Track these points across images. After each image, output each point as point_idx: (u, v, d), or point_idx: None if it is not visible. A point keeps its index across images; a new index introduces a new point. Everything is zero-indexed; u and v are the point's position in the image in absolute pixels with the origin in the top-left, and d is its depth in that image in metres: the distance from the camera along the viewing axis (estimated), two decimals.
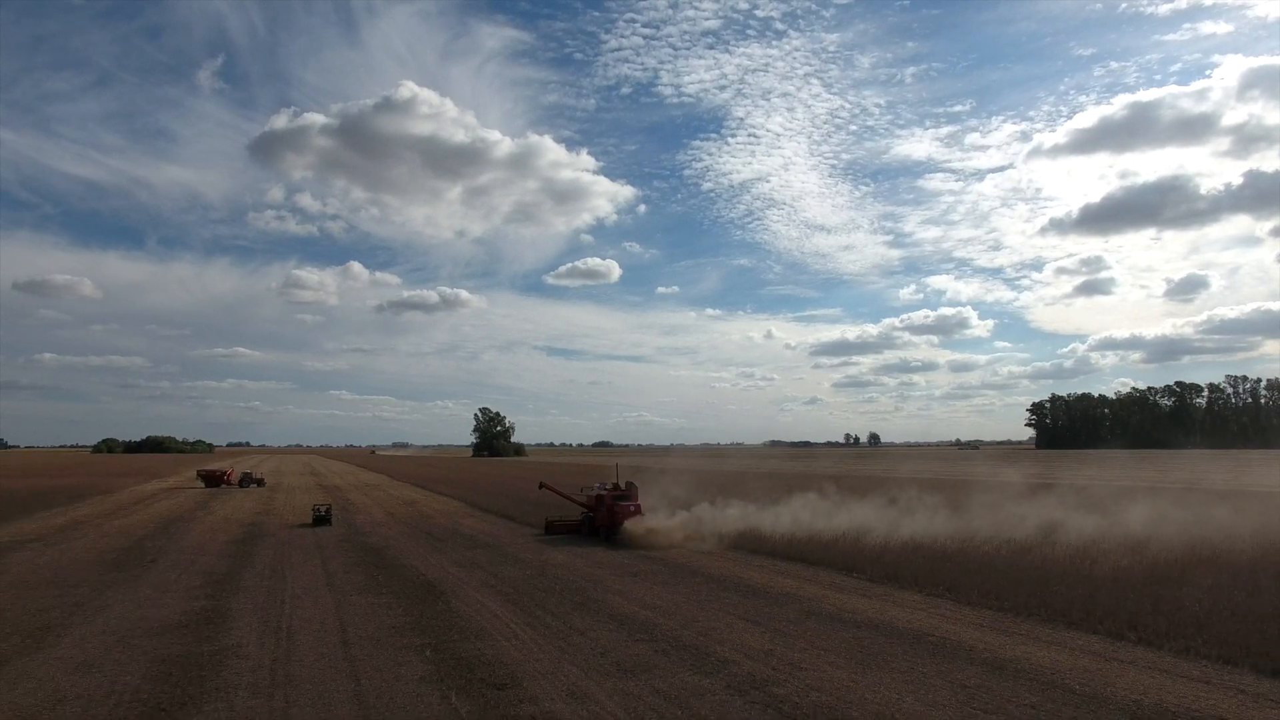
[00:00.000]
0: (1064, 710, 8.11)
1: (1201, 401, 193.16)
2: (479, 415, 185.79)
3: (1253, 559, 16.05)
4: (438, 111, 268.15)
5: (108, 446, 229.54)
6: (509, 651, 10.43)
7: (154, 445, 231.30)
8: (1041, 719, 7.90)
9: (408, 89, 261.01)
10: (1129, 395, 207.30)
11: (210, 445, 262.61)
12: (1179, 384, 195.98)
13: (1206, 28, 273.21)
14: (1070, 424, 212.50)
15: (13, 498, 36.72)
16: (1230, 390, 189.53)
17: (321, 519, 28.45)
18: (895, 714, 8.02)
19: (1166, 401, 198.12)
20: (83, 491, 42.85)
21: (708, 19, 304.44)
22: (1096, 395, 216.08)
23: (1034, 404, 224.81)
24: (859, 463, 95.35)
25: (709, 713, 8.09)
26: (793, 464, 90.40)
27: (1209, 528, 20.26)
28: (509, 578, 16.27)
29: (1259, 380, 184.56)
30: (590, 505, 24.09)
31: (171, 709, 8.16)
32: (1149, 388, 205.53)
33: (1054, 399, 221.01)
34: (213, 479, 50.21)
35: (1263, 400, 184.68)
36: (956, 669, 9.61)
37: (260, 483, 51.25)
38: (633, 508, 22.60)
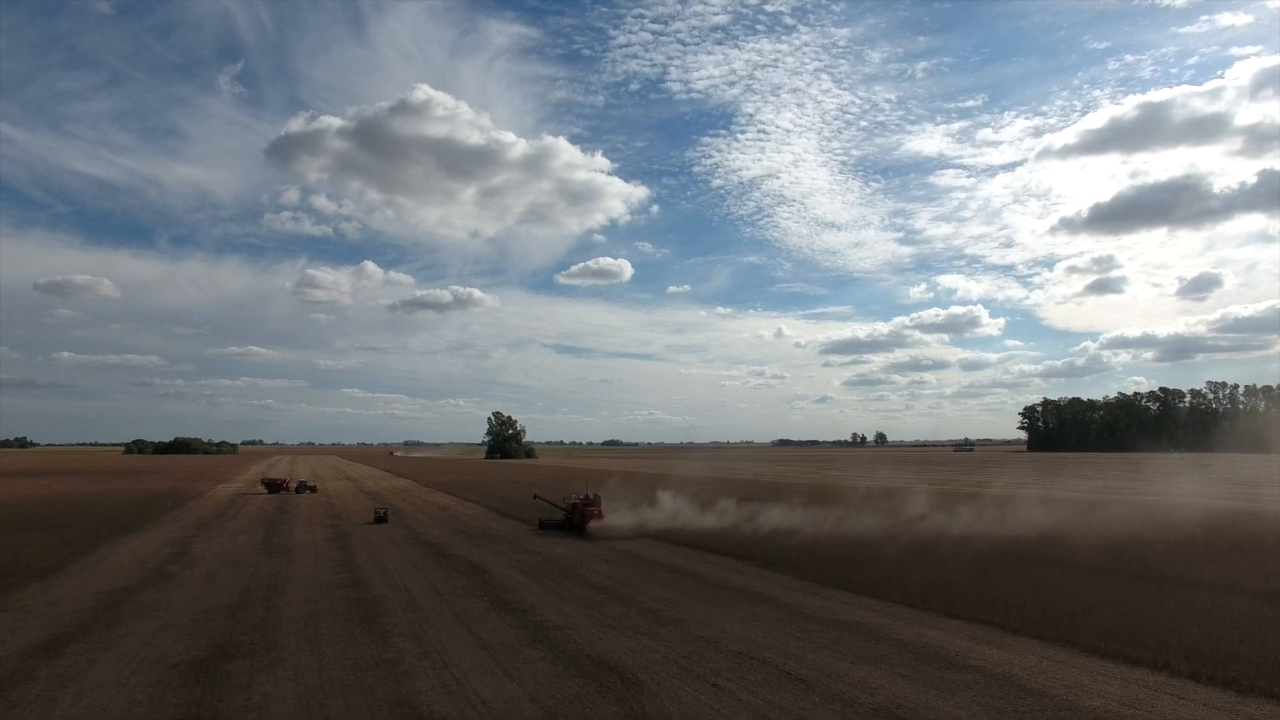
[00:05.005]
0: (798, 622, 17.04)
1: (1185, 406, 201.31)
2: (492, 419, 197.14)
3: (982, 550, 25.16)
4: (453, 114, 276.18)
5: (138, 447, 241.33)
6: (528, 598, 19.57)
7: (181, 446, 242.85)
8: (779, 625, 16.86)
9: (423, 91, 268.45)
10: (1117, 400, 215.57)
11: (234, 446, 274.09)
12: (1163, 389, 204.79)
13: (1225, 20, 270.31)
14: (1060, 427, 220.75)
15: (132, 501, 46.36)
16: (1211, 396, 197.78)
17: (381, 519, 37.95)
18: (707, 621, 17.05)
19: (1152, 406, 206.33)
20: (179, 497, 52.56)
21: (716, 14, 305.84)
22: (1086, 400, 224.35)
23: (1025, 407, 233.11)
24: (841, 468, 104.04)
25: (626, 621, 17.13)
26: (775, 467, 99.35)
27: (1019, 526, 29.32)
28: (525, 562, 25.44)
29: (1236, 386, 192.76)
30: (569, 510, 33.65)
31: (374, 616, 17.38)
32: (1135, 393, 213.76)
33: (1045, 403, 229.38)
34: (274, 486, 59.80)
35: (1241, 406, 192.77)
36: (758, 606, 18.62)
37: (313, 489, 60.56)
38: (596, 512, 32.80)
